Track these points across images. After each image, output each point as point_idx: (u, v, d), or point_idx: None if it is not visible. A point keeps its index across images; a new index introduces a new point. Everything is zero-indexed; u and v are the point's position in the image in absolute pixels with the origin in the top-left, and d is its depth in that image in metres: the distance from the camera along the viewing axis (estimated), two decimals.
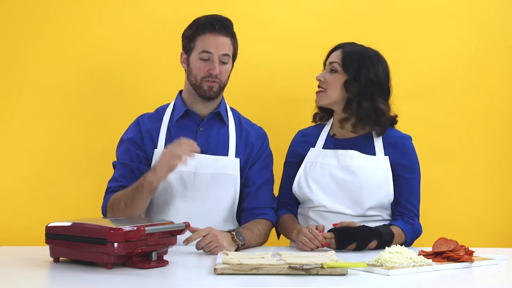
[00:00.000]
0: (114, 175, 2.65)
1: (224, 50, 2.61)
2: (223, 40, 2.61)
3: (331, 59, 2.74)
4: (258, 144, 2.75)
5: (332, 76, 2.71)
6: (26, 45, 3.19)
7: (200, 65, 2.62)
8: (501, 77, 3.32)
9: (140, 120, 2.71)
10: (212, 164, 2.64)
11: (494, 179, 3.33)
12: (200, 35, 2.61)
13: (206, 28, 2.60)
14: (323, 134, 2.79)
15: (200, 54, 2.61)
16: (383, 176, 2.67)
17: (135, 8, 3.23)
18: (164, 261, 2.18)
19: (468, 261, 2.22)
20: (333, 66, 2.72)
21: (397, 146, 2.72)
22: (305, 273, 2.03)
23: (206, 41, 2.61)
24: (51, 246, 2.19)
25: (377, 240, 2.52)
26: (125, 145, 2.66)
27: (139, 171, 2.61)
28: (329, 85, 2.71)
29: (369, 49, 2.74)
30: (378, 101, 2.69)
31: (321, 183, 2.69)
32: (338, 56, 2.72)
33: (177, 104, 2.71)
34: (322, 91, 2.73)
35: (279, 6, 3.29)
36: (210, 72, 2.61)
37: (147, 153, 2.64)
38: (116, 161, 2.67)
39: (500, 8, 3.32)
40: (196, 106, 2.69)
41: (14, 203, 3.19)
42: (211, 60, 2.61)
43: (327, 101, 2.73)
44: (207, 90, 2.63)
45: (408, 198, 2.70)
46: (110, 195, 2.59)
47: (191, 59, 2.64)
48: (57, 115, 3.21)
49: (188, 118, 2.69)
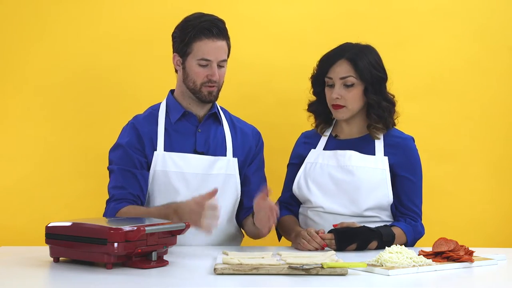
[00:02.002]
0: (116, 182, 2.59)
1: (222, 56, 2.60)
2: (220, 45, 2.59)
3: (341, 74, 2.66)
4: (254, 143, 2.76)
5: (351, 92, 2.65)
6: (24, 45, 3.19)
7: (199, 71, 2.60)
8: (501, 77, 3.32)
9: (136, 123, 2.67)
10: (213, 165, 2.64)
11: (494, 179, 3.33)
12: (197, 40, 2.58)
13: (204, 33, 2.57)
14: (324, 136, 2.78)
15: (199, 61, 2.59)
16: (381, 176, 2.66)
17: (135, 8, 3.23)
18: (164, 261, 2.18)
19: (468, 261, 2.22)
20: (348, 81, 2.65)
21: (399, 147, 2.71)
22: (305, 273, 2.03)
23: (204, 48, 2.58)
24: (51, 246, 2.19)
25: (378, 240, 2.52)
26: (124, 151, 2.62)
27: (142, 177, 2.60)
28: (349, 100, 2.66)
29: (362, 46, 2.71)
30: (388, 94, 2.71)
31: (320, 183, 2.69)
32: (349, 69, 2.66)
33: (172, 105, 2.69)
34: (341, 107, 2.68)
35: (279, 6, 3.29)
36: (210, 78, 2.60)
37: (147, 156, 2.63)
38: (115, 167, 2.61)
39: (500, 8, 3.32)
40: (192, 107, 2.68)
41: (14, 203, 3.19)
42: (210, 66, 2.59)
43: (350, 114, 2.69)
44: (207, 95, 2.62)
45: (410, 199, 2.70)
46: (119, 204, 2.54)
47: (188, 64, 2.62)
48: (57, 115, 3.21)
49: (185, 119, 2.68)
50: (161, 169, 2.61)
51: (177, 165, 2.61)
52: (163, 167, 2.61)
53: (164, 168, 2.61)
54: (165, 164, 2.61)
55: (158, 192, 2.62)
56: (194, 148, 2.65)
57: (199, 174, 2.61)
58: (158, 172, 2.61)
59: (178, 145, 2.64)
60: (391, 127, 2.73)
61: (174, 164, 2.61)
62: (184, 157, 2.63)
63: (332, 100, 2.68)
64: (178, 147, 2.64)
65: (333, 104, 2.69)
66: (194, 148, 2.65)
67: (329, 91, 2.70)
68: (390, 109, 2.71)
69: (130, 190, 2.57)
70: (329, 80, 2.69)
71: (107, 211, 2.58)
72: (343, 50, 2.70)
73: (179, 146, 2.64)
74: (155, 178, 2.61)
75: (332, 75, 2.68)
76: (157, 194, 2.62)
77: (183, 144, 2.65)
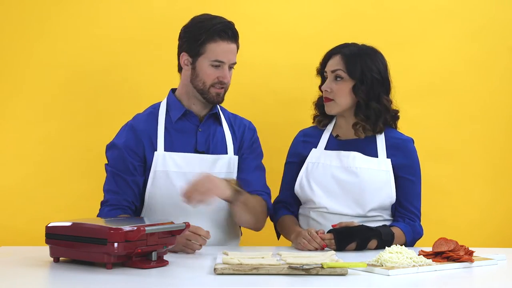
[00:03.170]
0: (111, 186, 2.61)
1: (234, 59, 2.63)
2: (233, 48, 2.62)
3: (332, 67, 2.71)
4: (249, 137, 2.76)
5: (339, 85, 2.69)
6: (23, 45, 3.19)
7: (210, 72, 2.60)
8: (501, 77, 3.32)
9: (134, 123, 2.67)
10: (214, 164, 2.64)
11: (494, 179, 3.33)
12: (212, 41, 2.58)
13: (220, 35, 2.58)
14: (325, 135, 2.78)
15: (212, 62, 2.59)
16: (385, 178, 2.67)
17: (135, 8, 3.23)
18: (164, 261, 2.18)
19: (468, 261, 2.22)
20: (337, 74, 2.69)
21: (399, 148, 2.72)
22: (305, 273, 2.03)
23: (219, 49, 2.59)
24: (51, 246, 2.19)
25: (377, 239, 2.52)
26: (120, 153, 2.62)
27: (135, 183, 2.61)
28: (337, 94, 2.69)
29: (366, 47, 2.74)
30: (384, 98, 2.70)
31: (322, 184, 2.69)
32: (340, 63, 2.69)
33: (173, 104, 2.69)
34: (330, 101, 2.71)
35: (279, 6, 3.29)
36: (221, 80, 2.61)
37: (146, 157, 2.63)
38: (110, 168, 2.63)
39: (500, 8, 3.32)
40: (195, 107, 2.69)
41: (14, 203, 3.19)
42: (222, 68, 2.60)
43: (338, 109, 2.71)
44: (215, 97, 2.63)
45: (409, 200, 2.70)
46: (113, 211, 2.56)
47: (200, 64, 2.61)
48: (57, 115, 3.21)
49: (185, 119, 2.68)
50: (162, 169, 2.61)
51: (178, 165, 2.61)
52: (163, 167, 2.61)
53: (165, 168, 2.61)
54: (165, 164, 2.61)
55: (160, 192, 2.62)
56: (195, 147, 2.66)
57: (201, 173, 2.61)
58: (159, 173, 2.61)
59: (179, 144, 2.64)
60: (379, 132, 2.72)
61: (175, 164, 2.61)
62: (185, 156, 2.63)
63: (323, 93, 2.72)
64: (178, 146, 2.64)
65: (324, 97, 2.72)
66: (195, 147, 2.66)
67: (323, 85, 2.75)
68: (380, 112, 2.70)
69: (124, 196, 2.60)
70: (325, 73, 2.74)
71: (101, 215, 2.60)
72: (343, 47, 2.74)
73: (179, 145, 2.64)
74: (156, 178, 2.61)
75: (326, 69, 2.73)
76: (159, 194, 2.62)
77: (183, 143, 2.65)
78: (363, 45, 2.74)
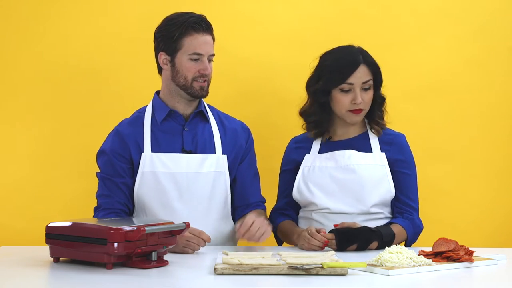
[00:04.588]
0: (103, 190, 2.63)
1: (212, 50, 2.63)
2: (209, 40, 2.63)
3: (362, 78, 2.66)
4: (244, 139, 2.76)
5: (369, 95, 2.69)
6: (23, 45, 3.19)
7: (190, 66, 2.61)
8: (501, 77, 3.32)
9: (120, 128, 2.68)
10: (202, 163, 2.64)
11: (494, 179, 3.33)
12: (187, 35, 2.60)
13: (194, 28, 2.59)
14: (317, 140, 2.78)
15: (190, 55, 2.60)
16: (382, 172, 2.68)
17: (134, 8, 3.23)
18: (164, 261, 2.18)
19: (468, 261, 2.22)
20: (368, 85, 2.68)
21: (393, 144, 2.73)
22: (305, 273, 2.03)
23: (195, 42, 2.60)
24: (51, 246, 2.20)
25: (378, 241, 2.52)
26: (108, 158, 2.64)
27: (125, 185, 2.62)
28: (367, 103, 2.70)
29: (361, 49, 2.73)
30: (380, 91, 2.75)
31: (322, 185, 2.69)
32: (368, 73, 2.68)
33: (157, 106, 2.69)
34: (361, 111, 2.69)
35: (279, 6, 3.28)
36: (202, 73, 2.61)
37: (133, 159, 2.63)
38: (100, 175, 2.65)
39: (500, 8, 3.32)
40: (179, 106, 2.68)
41: (14, 203, 3.19)
42: (201, 61, 2.61)
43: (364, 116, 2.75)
44: (199, 90, 2.63)
45: (406, 193, 2.71)
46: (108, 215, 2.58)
47: (178, 60, 2.62)
48: (57, 115, 3.21)
49: (171, 119, 2.68)
50: (149, 170, 2.60)
51: (165, 165, 2.61)
52: (151, 168, 2.61)
53: (153, 169, 2.60)
54: (153, 165, 2.61)
55: (148, 193, 2.61)
56: (181, 147, 2.65)
57: (188, 173, 2.61)
58: (147, 173, 2.61)
59: (166, 145, 2.64)
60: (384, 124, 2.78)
61: (162, 165, 2.61)
62: (172, 157, 2.62)
63: (354, 106, 2.67)
64: (165, 147, 2.64)
65: (354, 109, 2.68)
66: (181, 147, 2.65)
67: (346, 96, 2.67)
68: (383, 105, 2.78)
69: (116, 199, 2.61)
70: (347, 86, 2.67)
71: None
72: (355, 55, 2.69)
73: (166, 146, 2.64)
74: (143, 179, 2.61)
75: (353, 81, 2.66)
76: (147, 195, 2.62)
77: (170, 144, 2.64)
78: (360, 47, 2.74)
